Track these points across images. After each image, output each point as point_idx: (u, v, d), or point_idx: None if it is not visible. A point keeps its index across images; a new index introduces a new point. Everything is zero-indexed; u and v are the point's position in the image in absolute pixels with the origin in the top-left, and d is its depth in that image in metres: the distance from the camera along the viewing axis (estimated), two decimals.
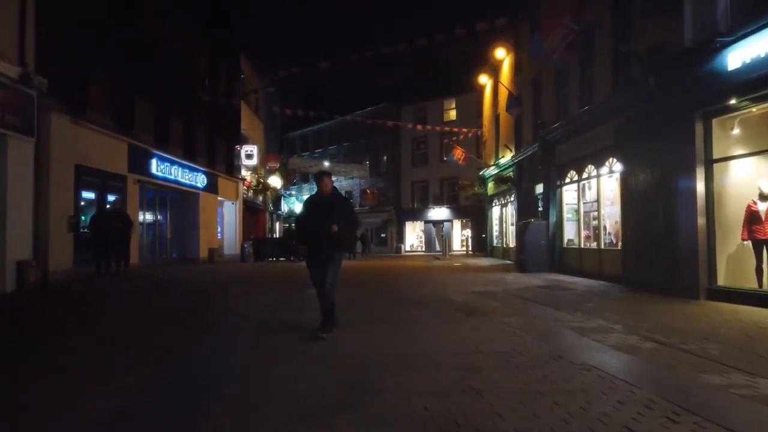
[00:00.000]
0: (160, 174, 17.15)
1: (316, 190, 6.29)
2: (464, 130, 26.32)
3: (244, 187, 26.41)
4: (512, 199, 21.52)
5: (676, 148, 9.67)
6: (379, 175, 46.44)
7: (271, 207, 32.56)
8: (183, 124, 19.30)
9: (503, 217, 23.55)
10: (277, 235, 35.18)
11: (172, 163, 18.08)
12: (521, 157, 19.57)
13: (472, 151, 37.51)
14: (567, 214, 15.77)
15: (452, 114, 42.29)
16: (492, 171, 23.95)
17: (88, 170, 13.10)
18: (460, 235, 42.04)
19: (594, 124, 13.01)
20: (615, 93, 12.05)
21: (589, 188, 14.43)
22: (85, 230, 12.91)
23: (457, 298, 9.86)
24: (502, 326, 6.70)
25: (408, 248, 44.77)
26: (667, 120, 9.89)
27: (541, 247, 15.83)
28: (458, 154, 25.43)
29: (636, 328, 6.49)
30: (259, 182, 27.36)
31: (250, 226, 28.74)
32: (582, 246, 14.51)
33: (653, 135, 10.29)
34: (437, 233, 43.23)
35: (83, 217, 13.22)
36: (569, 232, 15.72)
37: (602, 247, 13.26)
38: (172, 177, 18.19)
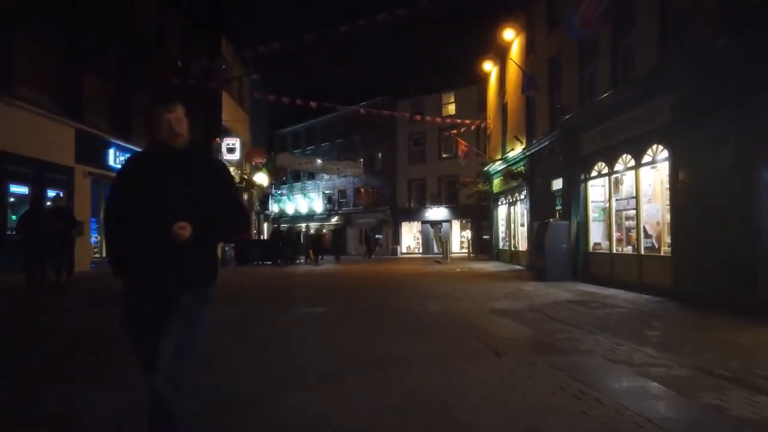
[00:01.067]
0: (120, 167, 14.79)
1: (150, 140, 2.73)
2: (467, 121, 24.08)
3: None
4: (522, 196, 19.27)
5: (760, 127, 7.44)
6: (374, 173, 44.16)
7: (257, 206, 30.23)
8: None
9: (511, 217, 21.30)
10: (264, 236, 32.82)
11: None
12: (534, 149, 17.33)
13: (474, 145, 35.43)
14: (593, 213, 13.52)
15: (451, 108, 40.02)
16: (498, 166, 21.70)
17: (18, 159, 10.75)
18: (459, 237, 39.83)
19: (632, 104, 10.77)
20: (663, 63, 9.80)
21: (623, 182, 12.19)
22: (13, 232, 10.56)
23: (475, 321, 7.58)
24: (553, 375, 4.42)
25: (404, 250, 42.49)
26: (745, 91, 7.65)
27: (562, 251, 13.58)
28: (460, 148, 23.17)
29: (751, 376, 4.27)
30: (242, 179, 25.00)
31: None
32: (613, 251, 12.25)
33: (722, 112, 8.05)
34: (435, 234, 40.97)
35: (13, 216, 10.86)
36: (596, 235, 13.47)
37: (642, 252, 11.01)
38: None
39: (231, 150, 23.33)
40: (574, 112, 13.55)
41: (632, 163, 11.31)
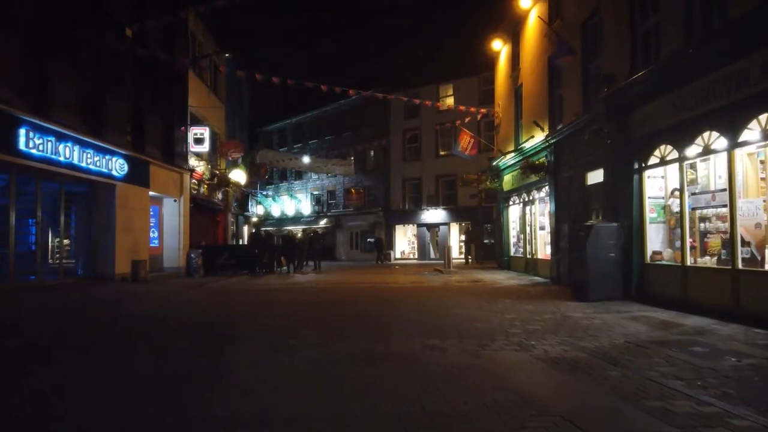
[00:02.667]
0: (37, 152, 11.48)
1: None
2: (472, 109, 20.91)
3: (194, 181, 20.79)
4: (543, 194, 16.14)
5: None
6: (366, 172, 40.96)
7: (234, 207, 26.93)
8: (84, 82, 13.61)
9: (527, 218, 18.16)
10: (243, 241, 29.48)
11: (63, 137, 12.42)
12: (560, 136, 14.21)
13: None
14: (650, 214, 10.39)
15: (449, 101, 36.87)
16: (511, 159, 18.57)
17: None
18: (458, 241, 36.65)
19: (723, 60, 7.68)
20: None
21: (702, 170, 9.07)
22: None
23: (527, 389, 4.39)
24: None
25: (398, 255, 39.27)
26: None
27: (608, 262, 10.43)
28: (465, 140, 20.03)
29: None
30: (213, 175, 21.72)
31: (204, 231, 23.10)
32: (686, 263, 9.11)
33: None
34: (432, 238, 37.81)
35: None
36: (653, 241, 10.34)
37: (738, 266, 7.87)
38: (64, 158, 12.52)
39: (199, 141, 20.07)
40: (624, 82, 10.41)
41: (721, 143, 8.19)
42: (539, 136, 15.70)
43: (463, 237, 36.66)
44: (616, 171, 10.93)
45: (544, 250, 16.54)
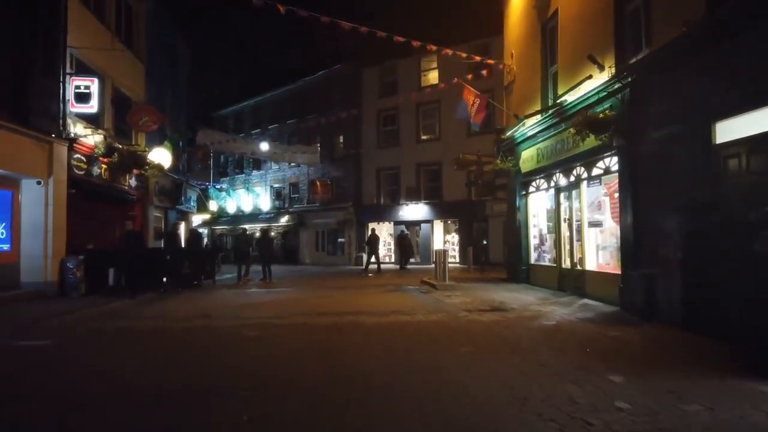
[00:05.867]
0: None
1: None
2: (476, 57, 15.00)
3: (79, 156, 14.44)
4: (599, 170, 10.40)
5: None
6: (334, 161, 34.88)
7: (156, 197, 20.54)
8: None
9: (562, 210, 12.41)
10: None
11: None
12: (646, 70, 8.48)
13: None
14: None
15: (433, 76, 31.11)
16: (536, 125, 12.81)
17: None
18: (443, 242, 30.88)
19: None
20: None
21: None
22: None
23: None
24: None
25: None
26: None
27: None
28: (470, 98, 14.16)
29: None
30: (111, 151, 15.34)
31: (104, 230, 16.77)
32: None
33: None
34: (412, 238, 31.86)
35: None
36: None
37: None
38: None
39: (82, 96, 13.75)
40: None
41: None
42: (595, 80, 9.93)
43: (452, 236, 31.01)
44: None
45: (598, 257, 10.79)
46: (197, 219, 42.52)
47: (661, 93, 8.26)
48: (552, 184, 12.70)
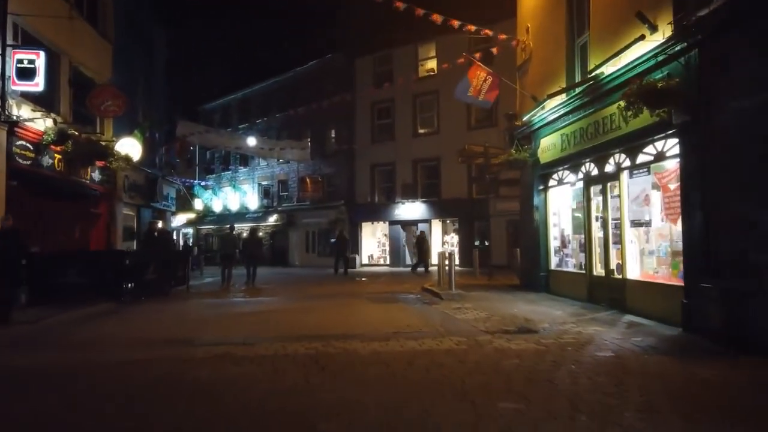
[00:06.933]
0: None
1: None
2: (487, 32, 12.94)
3: (24, 143, 12.31)
4: (646, 156, 8.45)
5: None
6: (325, 157, 32.81)
7: (126, 193, 18.40)
8: None
9: (592, 207, 10.44)
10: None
11: None
12: (723, 26, 6.51)
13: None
14: None
15: (431, 65, 29.14)
16: (560, 107, 10.85)
17: None
18: (441, 243, 28.87)
19: None
20: None
21: None
22: None
23: None
24: None
25: (366, 260, 31.28)
26: None
27: None
28: (478, 78, 12.16)
29: None
30: (63, 137, 13.19)
31: (61, 229, 14.69)
32: None
33: None
34: (408, 239, 29.87)
35: None
36: None
37: None
38: None
39: (26, 72, 11.63)
40: None
41: None
42: (646, 44, 7.95)
43: (451, 237, 29.02)
44: None
45: (642, 264, 8.83)
46: (181, 218, 40.56)
47: (746, 53, 6.30)
48: (580, 175, 10.72)
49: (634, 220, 8.95)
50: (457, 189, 27.08)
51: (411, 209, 29.03)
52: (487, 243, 24.74)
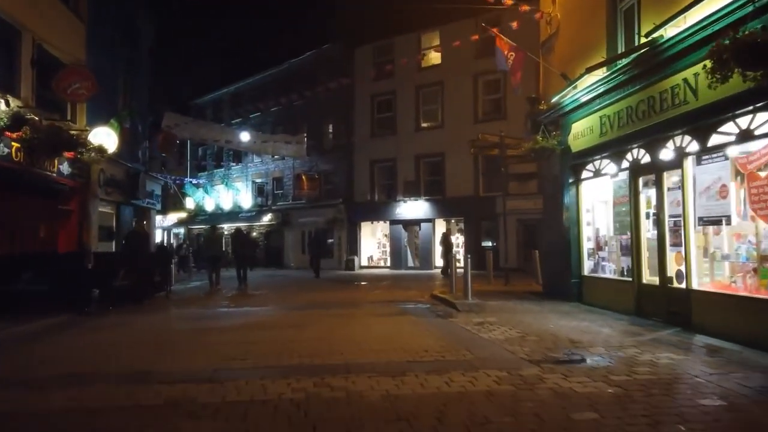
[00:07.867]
0: None
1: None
2: (508, 1, 11.28)
3: None
4: (730, 135, 6.71)
5: None
6: (322, 153, 31.10)
7: (102, 188, 16.64)
8: None
9: (641, 202, 8.75)
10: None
11: None
12: None
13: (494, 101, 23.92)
14: None
15: (434, 57, 27.45)
16: (599, 84, 9.16)
17: None
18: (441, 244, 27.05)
19: None
20: None
21: None
22: None
23: None
24: None
25: (365, 262, 29.56)
26: None
27: None
28: (504, 49, 10.49)
29: None
30: (21, 122, 11.43)
31: (24, 229, 12.95)
32: None
33: None
34: (410, 240, 28.19)
35: None
36: None
37: None
38: None
39: None
40: None
41: None
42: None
43: (456, 237, 27.25)
44: None
45: (713, 271, 7.11)
46: (172, 218, 38.78)
47: None
48: (625, 164, 9.01)
49: (703, 217, 7.24)
50: (462, 186, 25.39)
51: (413, 208, 27.30)
52: (493, 244, 23.01)
